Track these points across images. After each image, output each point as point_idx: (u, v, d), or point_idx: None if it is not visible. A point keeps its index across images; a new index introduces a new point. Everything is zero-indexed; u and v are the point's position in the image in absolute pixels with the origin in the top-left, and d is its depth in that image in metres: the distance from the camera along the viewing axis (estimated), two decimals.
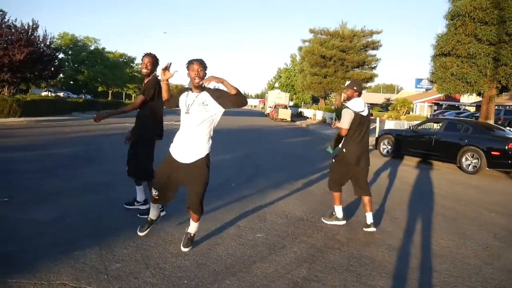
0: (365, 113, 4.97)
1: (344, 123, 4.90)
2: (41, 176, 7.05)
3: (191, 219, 3.90)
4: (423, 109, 49.18)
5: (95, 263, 3.56)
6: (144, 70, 4.79)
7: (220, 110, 3.62)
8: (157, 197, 3.82)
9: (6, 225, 4.44)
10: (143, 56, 4.84)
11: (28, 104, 20.11)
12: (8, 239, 4.04)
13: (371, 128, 5.41)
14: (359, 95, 5.05)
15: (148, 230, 4.17)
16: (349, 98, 5.01)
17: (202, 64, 3.59)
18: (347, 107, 4.95)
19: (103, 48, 43.01)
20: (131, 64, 50.03)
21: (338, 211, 5.22)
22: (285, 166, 10.17)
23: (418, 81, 57.19)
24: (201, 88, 3.63)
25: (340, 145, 5.17)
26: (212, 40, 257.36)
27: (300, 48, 41.68)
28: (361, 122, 4.94)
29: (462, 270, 4.00)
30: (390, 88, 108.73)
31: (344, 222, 5.20)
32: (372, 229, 4.93)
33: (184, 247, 3.90)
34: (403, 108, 40.62)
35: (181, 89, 3.86)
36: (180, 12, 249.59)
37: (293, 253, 4.15)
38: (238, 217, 5.24)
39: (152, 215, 4.10)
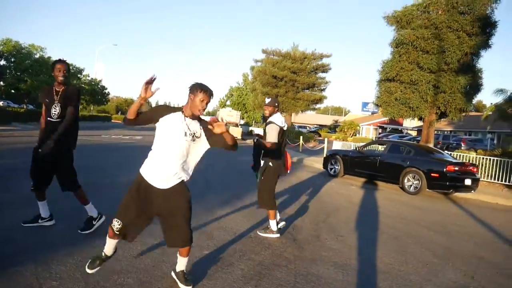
0: (285, 127, 5.40)
1: (273, 137, 5.19)
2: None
3: (179, 256, 3.42)
4: (368, 132, 51.21)
5: (30, 282, 3.31)
6: (62, 78, 4.45)
7: (207, 147, 3.33)
8: (118, 232, 3.17)
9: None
10: (57, 63, 4.48)
11: None
12: (7, 240, 3.69)
13: (319, 148, 5.66)
14: (278, 110, 5.45)
15: (99, 267, 3.40)
16: (271, 114, 5.35)
17: (211, 97, 3.19)
18: (272, 122, 5.25)
19: (49, 57, 41.24)
20: (78, 75, 48.30)
21: (273, 224, 5.38)
22: (234, 182, 10.12)
23: (365, 104, 59.59)
24: (198, 118, 3.25)
25: (262, 161, 5.43)
26: (164, 55, 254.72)
27: (252, 68, 42.28)
28: (283, 135, 5.37)
29: (404, 286, 4.11)
30: (338, 111, 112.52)
31: (278, 235, 5.38)
32: (277, 235, 5.35)
33: (188, 286, 3.42)
34: (350, 130, 42.11)
35: (164, 107, 3.29)
36: (129, 27, 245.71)
37: (240, 270, 4.08)
38: None
39: (108, 250, 3.38)
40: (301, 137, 25.37)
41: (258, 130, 42.96)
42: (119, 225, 3.13)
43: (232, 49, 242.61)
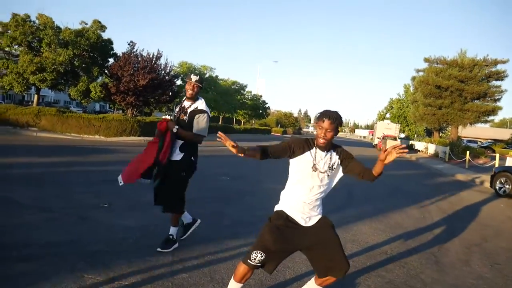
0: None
1: (206, 130, 4.31)
2: (139, 187, 7.60)
3: (320, 283, 3.08)
4: None
5: (164, 271, 3.71)
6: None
7: (340, 175, 3.11)
8: (259, 264, 2.84)
9: (100, 228, 4.86)
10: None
11: (147, 125, 22.08)
12: (97, 240, 4.41)
13: (489, 165, 4.90)
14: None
15: None
16: (196, 94, 4.33)
17: (333, 122, 2.82)
18: (204, 111, 4.29)
19: (217, 76, 45.87)
20: (241, 91, 52.43)
21: (174, 232, 4.42)
22: (381, 197, 9.60)
23: None
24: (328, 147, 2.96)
25: (180, 156, 4.26)
26: (322, 70, 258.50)
27: (413, 78, 39.72)
28: None
29: None
30: None
31: (176, 245, 4.35)
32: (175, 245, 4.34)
33: None
34: None
35: (299, 141, 2.98)
36: (291, 44, 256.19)
37: (365, 286, 3.85)
38: None
39: None
40: (467, 152, 22.73)
41: (419, 145, 40.23)
42: (261, 256, 2.81)
43: (395, 58, 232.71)
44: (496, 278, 4.52)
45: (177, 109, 4.41)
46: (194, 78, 4.26)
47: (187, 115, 4.26)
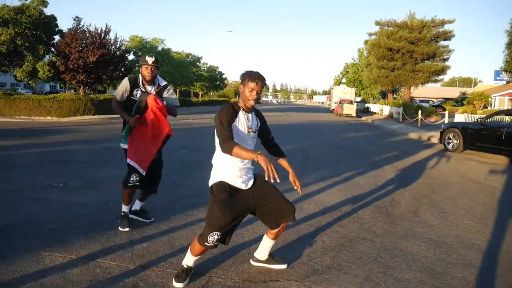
0: None
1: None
2: (96, 165, 7.52)
3: (269, 239, 3.25)
4: (503, 103, 45.45)
5: (123, 242, 3.72)
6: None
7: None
8: (217, 243, 2.88)
9: (55, 207, 4.78)
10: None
11: (102, 103, 21.40)
12: (52, 218, 4.34)
13: (440, 122, 5.09)
14: None
15: (187, 280, 3.03)
16: (155, 77, 4.15)
17: (262, 84, 2.92)
18: (166, 84, 4.28)
19: (169, 49, 44.70)
20: (197, 64, 51.49)
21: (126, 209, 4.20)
22: (337, 159, 9.89)
23: (498, 73, 52.78)
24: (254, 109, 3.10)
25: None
26: (279, 38, 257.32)
27: (366, 42, 40.29)
28: None
29: (508, 268, 3.65)
30: (467, 82, 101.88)
31: (127, 229, 4.04)
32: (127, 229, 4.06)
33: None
34: (479, 102, 37.96)
35: (229, 111, 2.91)
36: (246, 13, 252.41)
37: (321, 242, 4.03)
38: None
39: (192, 262, 3.10)
40: (419, 111, 23.61)
41: (375, 107, 41.34)
42: (218, 236, 2.83)
43: (348, 24, 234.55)
44: (441, 225, 4.83)
45: (139, 94, 4.06)
46: (150, 60, 3.97)
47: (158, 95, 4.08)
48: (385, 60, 35.89)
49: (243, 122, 2.98)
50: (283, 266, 3.35)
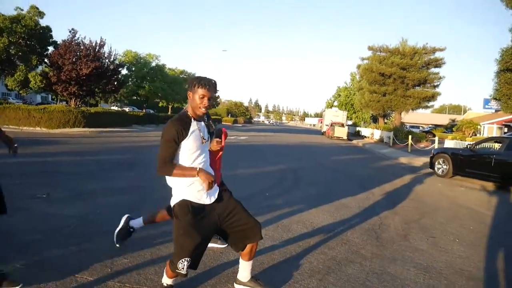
0: None
1: None
2: (82, 178, 7.37)
3: (245, 262, 3.11)
4: (491, 131, 46.07)
5: (103, 257, 3.59)
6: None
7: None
8: (188, 269, 2.74)
9: (37, 218, 4.64)
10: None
11: (92, 116, 21.26)
12: (33, 229, 4.20)
13: (430, 148, 5.07)
14: None
15: None
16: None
17: (214, 91, 2.77)
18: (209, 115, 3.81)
19: (164, 65, 44.84)
20: None
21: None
22: (327, 180, 9.83)
23: (487, 101, 53.72)
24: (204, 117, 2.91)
25: None
26: (273, 59, 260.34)
27: (358, 66, 40.82)
28: None
29: None
30: (457, 109, 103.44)
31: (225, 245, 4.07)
32: None
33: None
34: (468, 129, 38.41)
35: (177, 126, 2.68)
36: (240, 34, 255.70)
37: (308, 264, 3.93)
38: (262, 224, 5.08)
39: (170, 281, 3.00)
40: (410, 136, 23.77)
41: (365, 131, 41.59)
42: (188, 262, 2.69)
43: (341, 48, 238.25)
44: (431, 249, 4.76)
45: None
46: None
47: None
48: (377, 84, 36.28)
49: (196, 134, 2.75)
50: None
